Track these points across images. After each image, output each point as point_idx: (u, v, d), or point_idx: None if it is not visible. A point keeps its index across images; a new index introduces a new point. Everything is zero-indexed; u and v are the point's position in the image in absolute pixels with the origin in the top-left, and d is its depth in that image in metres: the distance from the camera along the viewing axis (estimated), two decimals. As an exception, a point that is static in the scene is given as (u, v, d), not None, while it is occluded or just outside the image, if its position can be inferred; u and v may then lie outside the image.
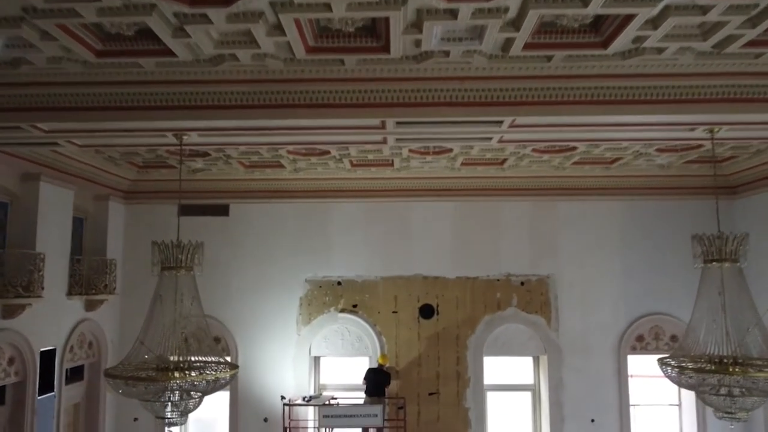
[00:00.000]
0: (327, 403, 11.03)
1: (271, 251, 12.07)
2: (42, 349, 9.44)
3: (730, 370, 6.11)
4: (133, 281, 11.77)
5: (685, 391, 11.04)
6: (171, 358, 6.41)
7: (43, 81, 6.38)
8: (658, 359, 6.86)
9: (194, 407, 6.55)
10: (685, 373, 6.41)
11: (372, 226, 12.12)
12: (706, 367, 6.29)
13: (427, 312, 11.99)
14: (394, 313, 11.99)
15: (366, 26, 5.57)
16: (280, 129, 7.30)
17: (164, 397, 6.28)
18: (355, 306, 12.05)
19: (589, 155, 10.32)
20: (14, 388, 9.07)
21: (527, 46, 5.79)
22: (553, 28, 5.63)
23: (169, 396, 6.29)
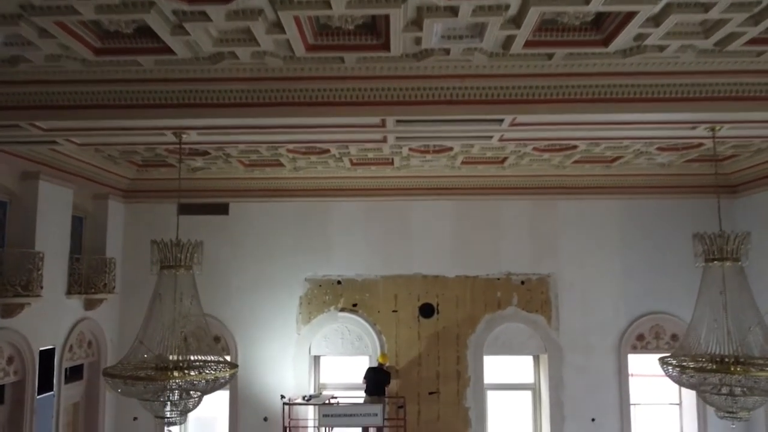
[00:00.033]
0: (327, 402, 11.01)
1: (270, 250, 12.05)
2: (41, 349, 9.41)
3: (732, 369, 6.09)
4: (132, 280, 11.75)
5: (686, 391, 11.02)
6: (170, 358, 6.39)
7: (42, 79, 6.35)
8: (659, 358, 6.84)
9: (193, 406, 6.54)
10: (687, 373, 6.39)
11: (372, 225, 12.10)
12: (708, 367, 6.28)
13: (427, 311, 11.97)
14: (394, 312, 11.97)
15: (366, 24, 5.54)
16: (280, 127, 7.28)
17: (163, 397, 6.25)
18: (355, 305, 12.03)
19: (590, 154, 10.30)
20: (13, 388, 9.05)
21: (528, 44, 5.76)
22: (554, 26, 5.60)
23: (169, 395, 6.27)
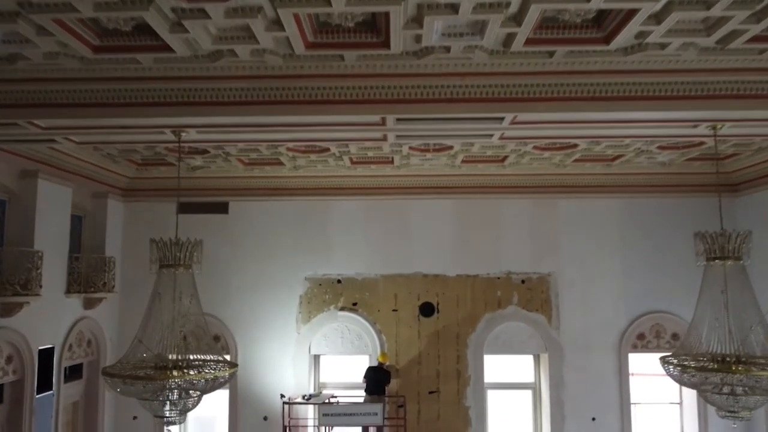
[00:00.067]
0: (327, 401, 10.99)
1: (270, 249, 12.02)
2: (40, 348, 9.38)
3: (733, 368, 6.07)
4: (132, 279, 11.72)
5: (687, 390, 10.98)
6: (169, 357, 6.37)
7: (40, 77, 6.33)
8: (660, 358, 6.82)
9: (193, 406, 6.51)
10: (688, 372, 6.36)
11: (372, 224, 12.07)
12: (709, 366, 6.25)
13: (427, 310, 11.94)
14: (394, 311, 11.95)
15: (366, 21, 5.52)
16: (280, 126, 7.25)
17: (163, 396, 6.23)
18: (355, 304, 12.00)
19: (590, 152, 10.27)
20: (12, 387, 9.02)
21: (529, 42, 5.73)
22: (555, 24, 5.57)
23: (168, 395, 6.25)
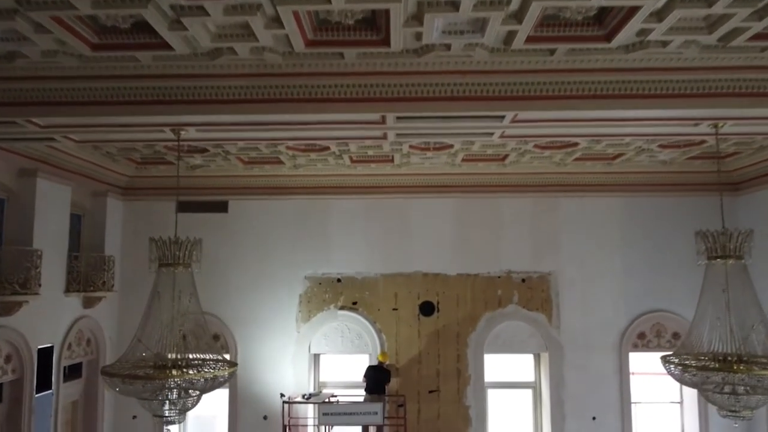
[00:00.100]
0: (327, 400, 10.95)
1: (270, 248, 11.99)
2: (39, 347, 9.35)
3: (735, 368, 6.05)
4: (131, 278, 11.70)
5: (687, 389, 10.96)
6: (169, 356, 6.35)
7: (39, 75, 6.30)
8: (662, 357, 6.79)
9: (192, 405, 6.49)
10: (689, 371, 6.34)
11: (372, 223, 12.04)
12: (710, 365, 6.23)
13: (427, 309, 11.91)
14: (394, 310, 11.92)
15: (366, 19, 5.49)
16: (279, 124, 7.23)
17: (162, 395, 6.21)
18: (354, 303, 11.97)
19: (591, 151, 10.24)
20: (11, 386, 9.00)
21: (529, 40, 5.71)
22: (556, 21, 5.55)
23: (167, 394, 6.23)
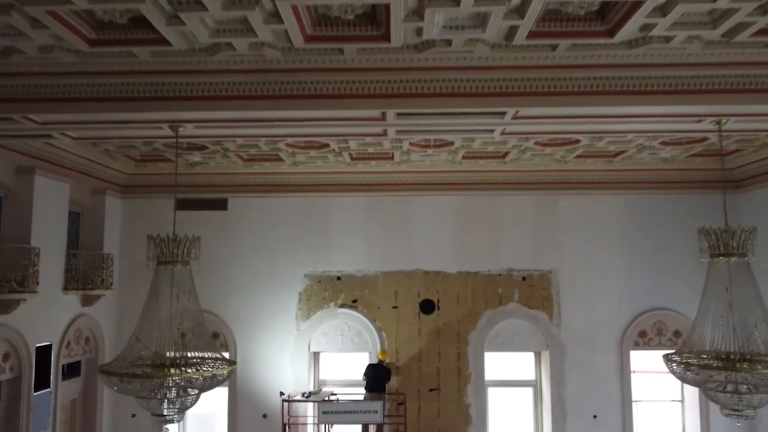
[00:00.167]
0: (326, 399, 10.92)
1: (269, 246, 11.93)
2: (38, 345, 9.31)
3: (738, 366, 6.00)
4: (130, 276, 11.64)
5: (689, 387, 10.93)
6: (167, 354, 6.30)
7: (35, 71, 6.23)
8: (664, 355, 6.75)
9: (191, 404, 6.45)
10: (691, 370, 6.30)
11: (372, 221, 11.99)
12: (713, 364, 6.19)
13: (427, 307, 11.86)
14: (394, 308, 11.87)
15: (366, 14, 5.42)
16: (278, 120, 7.16)
17: (160, 394, 6.16)
18: (354, 301, 11.93)
19: (592, 148, 10.18)
20: (9, 384, 8.95)
21: (531, 35, 5.64)
22: (558, 16, 5.49)
23: (166, 393, 6.18)
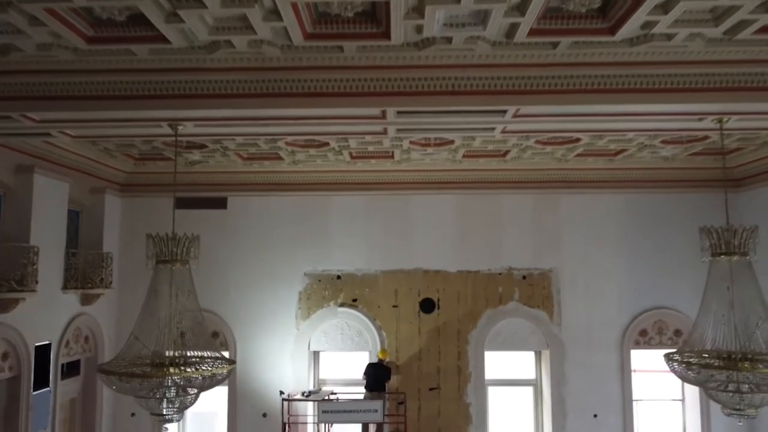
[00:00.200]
0: (326, 398, 10.90)
1: (269, 245, 11.91)
2: (37, 344, 9.28)
3: (739, 365, 5.97)
4: (130, 275, 11.60)
5: (689, 386, 10.91)
6: (167, 354, 6.28)
7: (33, 69, 6.19)
8: (665, 355, 6.72)
9: (190, 403, 6.43)
10: (693, 369, 6.27)
11: (372, 219, 11.96)
12: (714, 363, 6.16)
13: (427, 306, 11.84)
14: (394, 307, 11.85)
15: (366, 11, 5.40)
16: (278, 119, 7.13)
17: (159, 394, 6.14)
18: (354, 300, 11.91)
19: (593, 147, 10.15)
20: (8, 384, 8.93)
21: (532, 33, 5.61)
22: (559, 14, 5.45)
23: (165, 392, 6.16)
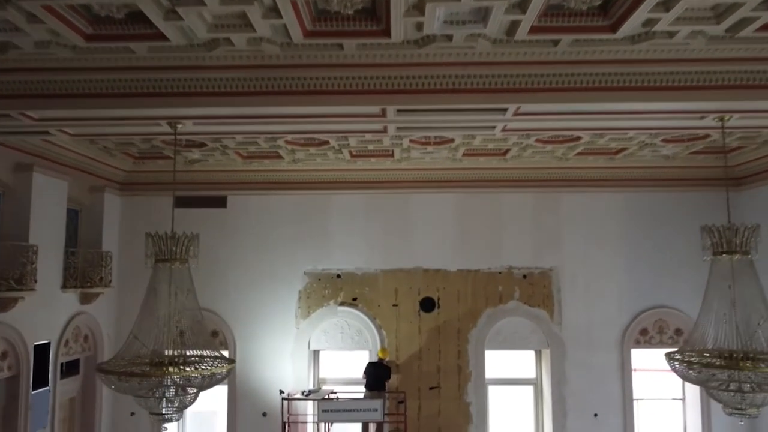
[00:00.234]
0: (326, 397, 10.89)
1: (269, 243, 11.88)
2: (36, 343, 9.26)
3: (741, 365, 5.95)
4: (129, 274, 11.58)
5: (690, 386, 10.90)
6: (166, 353, 6.25)
7: (32, 67, 6.16)
8: (666, 354, 6.70)
9: (190, 403, 6.40)
10: (694, 368, 6.25)
11: (372, 218, 11.93)
12: (716, 362, 6.15)
13: (427, 305, 11.82)
14: (394, 306, 11.82)
15: (366, 8, 5.36)
16: (277, 117, 7.10)
17: (159, 393, 6.12)
18: (354, 299, 11.88)
19: (594, 145, 10.12)
20: (7, 383, 8.91)
21: (533, 30, 5.58)
22: (560, 11, 5.43)
23: (164, 391, 6.13)
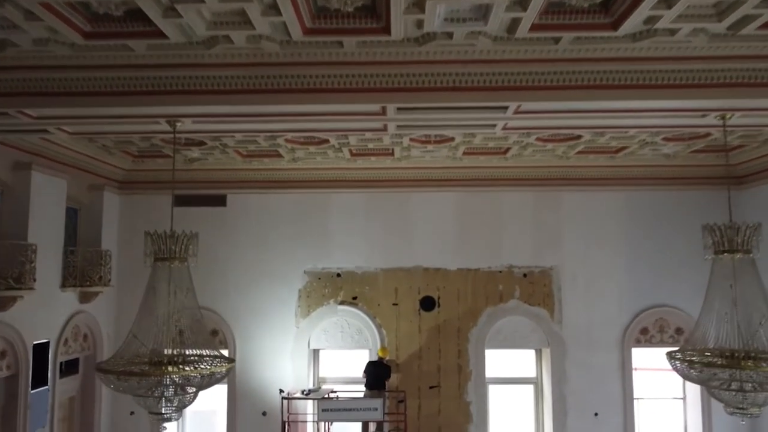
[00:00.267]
0: (326, 396, 10.86)
1: (269, 242, 11.85)
2: (35, 342, 9.24)
3: (742, 364, 5.94)
4: (129, 273, 11.54)
5: (690, 385, 10.88)
6: (165, 352, 6.23)
7: (30, 64, 6.13)
8: (667, 353, 6.68)
9: (189, 402, 6.38)
10: (695, 368, 6.23)
11: (372, 217, 11.90)
12: (717, 362, 6.13)
13: (427, 304, 11.80)
14: (394, 305, 11.80)
15: (366, 6, 5.33)
16: (277, 115, 7.07)
17: (158, 392, 6.10)
18: (354, 298, 11.86)
19: (594, 144, 10.09)
20: (6, 382, 8.89)
21: (534, 28, 5.55)
22: (561, 8, 5.39)
23: (163, 391, 6.11)
